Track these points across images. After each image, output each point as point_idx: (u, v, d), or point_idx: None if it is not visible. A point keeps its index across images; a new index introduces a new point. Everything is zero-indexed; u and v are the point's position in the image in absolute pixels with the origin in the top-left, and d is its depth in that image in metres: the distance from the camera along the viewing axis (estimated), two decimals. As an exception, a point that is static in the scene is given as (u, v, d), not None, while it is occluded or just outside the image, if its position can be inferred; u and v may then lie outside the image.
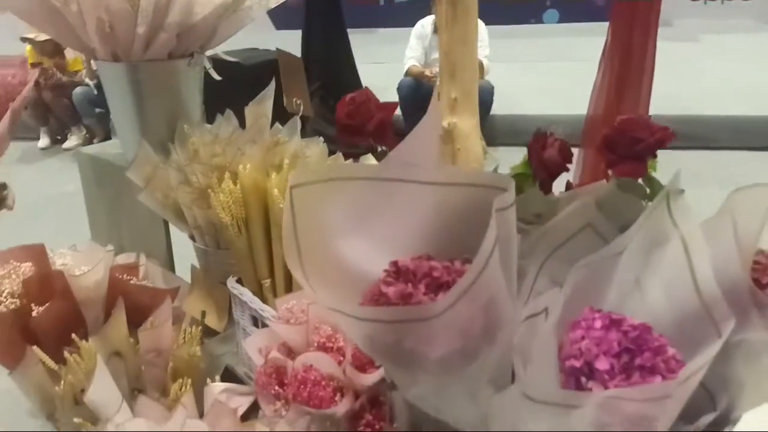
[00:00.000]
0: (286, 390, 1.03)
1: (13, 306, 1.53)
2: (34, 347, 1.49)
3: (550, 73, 6.86)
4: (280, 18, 9.29)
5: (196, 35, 1.58)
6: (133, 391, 1.44)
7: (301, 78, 1.53)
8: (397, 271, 0.62)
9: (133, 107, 1.64)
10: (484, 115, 4.25)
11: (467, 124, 1.50)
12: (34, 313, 1.54)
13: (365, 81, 5.12)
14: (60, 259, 1.74)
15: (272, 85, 1.61)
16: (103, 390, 1.29)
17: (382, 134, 0.95)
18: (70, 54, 5.96)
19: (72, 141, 6.04)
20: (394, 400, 0.73)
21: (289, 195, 0.65)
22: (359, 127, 0.99)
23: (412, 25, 5.30)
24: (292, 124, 1.57)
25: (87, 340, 1.46)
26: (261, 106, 1.60)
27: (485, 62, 4.89)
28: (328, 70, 5.13)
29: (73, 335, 1.45)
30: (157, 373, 1.50)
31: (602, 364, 0.55)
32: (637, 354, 0.55)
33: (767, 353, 0.59)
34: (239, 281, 1.47)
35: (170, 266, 1.87)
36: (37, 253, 1.68)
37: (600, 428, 0.56)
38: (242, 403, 1.41)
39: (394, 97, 4.92)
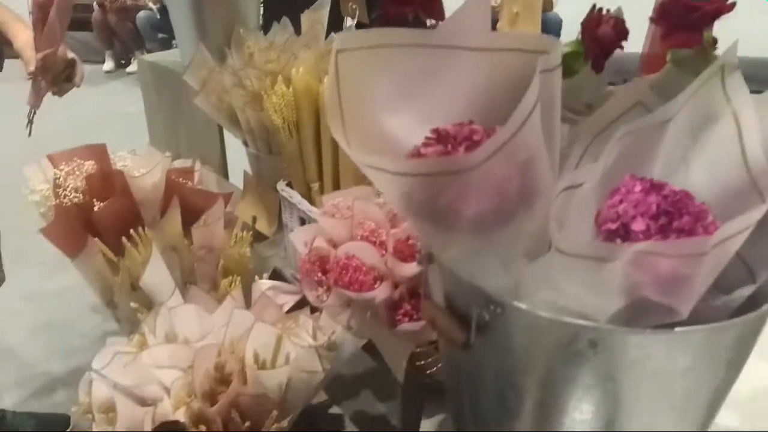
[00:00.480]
0: (328, 277, 1.06)
1: (76, 200, 1.61)
2: (95, 239, 1.57)
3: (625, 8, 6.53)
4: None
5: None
6: (185, 284, 1.51)
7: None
8: (438, 136, 0.62)
9: (193, 12, 1.66)
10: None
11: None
12: (95, 208, 1.62)
13: None
14: (120, 162, 1.81)
15: (329, -7, 1.60)
16: (157, 275, 1.36)
17: (431, 5, 0.93)
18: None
19: (135, 65, 6.15)
20: (428, 273, 0.75)
21: (334, 60, 0.65)
22: None
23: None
24: (347, 30, 1.56)
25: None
26: (317, 14, 1.60)
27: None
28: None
29: (131, 231, 1.52)
30: (208, 270, 1.56)
31: (638, 225, 0.55)
32: (676, 217, 0.55)
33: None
34: (289, 185, 1.50)
35: (224, 173, 1.92)
36: (100, 152, 1.75)
37: (632, 289, 0.56)
38: (288, 301, 1.46)
39: None
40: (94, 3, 5.98)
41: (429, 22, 1.06)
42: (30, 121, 1.54)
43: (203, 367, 1.17)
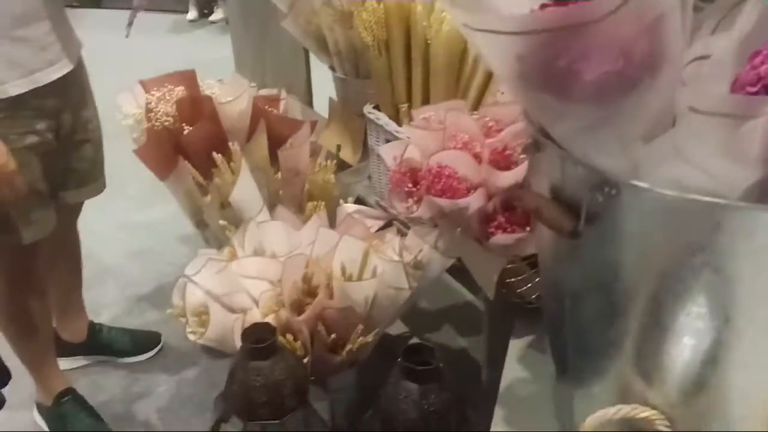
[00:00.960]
0: (419, 187, 1.04)
1: (167, 123, 1.64)
2: (185, 161, 1.61)
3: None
4: None
5: None
6: (271, 206, 1.52)
7: None
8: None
9: None
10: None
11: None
12: (185, 132, 1.65)
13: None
14: (208, 90, 1.83)
15: None
16: (246, 192, 1.37)
17: None
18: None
19: (218, 14, 6.22)
20: (533, 163, 0.71)
21: None
22: None
23: None
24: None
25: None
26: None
27: None
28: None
29: (217, 155, 1.54)
30: (294, 192, 1.57)
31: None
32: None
33: None
34: (376, 108, 1.48)
35: (309, 102, 1.92)
36: (189, 78, 1.78)
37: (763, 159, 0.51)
38: (372, 225, 1.46)
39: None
40: (180, -48, 6.06)
41: None
42: (129, 24, 1.58)
43: (291, 278, 1.19)
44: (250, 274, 1.24)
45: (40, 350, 1.60)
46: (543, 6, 0.56)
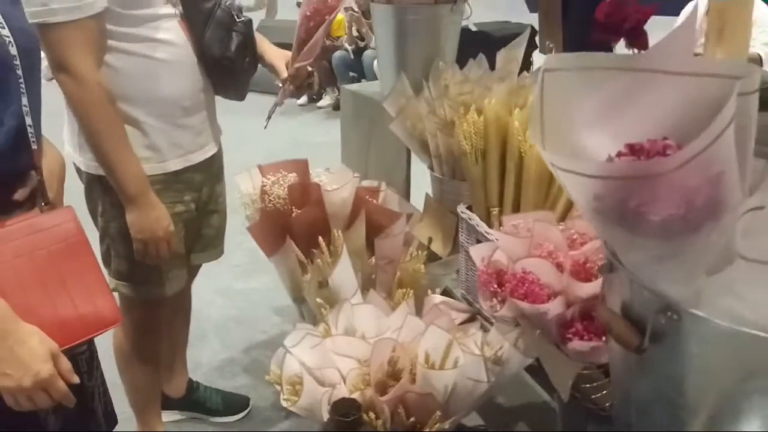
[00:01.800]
0: (503, 289, 1.14)
1: (278, 205, 1.83)
2: (291, 240, 1.77)
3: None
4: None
5: (460, -17, 1.72)
6: (365, 290, 1.65)
7: (558, 22, 1.60)
8: (631, 149, 0.68)
9: (397, 46, 1.84)
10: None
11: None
12: (293, 214, 1.82)
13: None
14: (317, 177, 2.02)
15: (526, 33, 1.70)
16: (344, 274, 1.51)
17: (638, 35, 0.98)
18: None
19: (325, 100, 6.67)
20: (607, 282, 0.80)
21: (541, 78, 0.74)
22: (616, 26, 1.02)
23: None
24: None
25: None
26: (513, 52, 1.70)
27: (765, 51, 4.35)
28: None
29: (321, 238, 1.69)
30: (386, 278, 1.69)
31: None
32: None
33: None
34: (469, 208, 1.60)
35: (407, 196, 2.07)
36: (301, 166, 1.98)
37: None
38: (457, 317, 1.55)
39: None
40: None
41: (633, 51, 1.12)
42: (268, 117, 1.81)
43: (379, 360, 1.29)
44: (340, 351, 1.35)
45: (150, 397, 1.77)
46: (619, 155, 0.67)
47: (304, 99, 6.83)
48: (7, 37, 1.05)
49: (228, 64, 1.49)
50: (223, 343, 2.39)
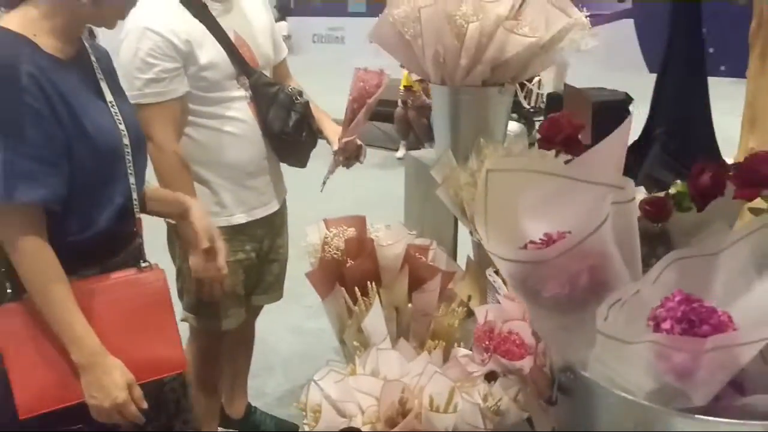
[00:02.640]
0: (491, 345, 1.30)
1: (336, 256, 2.07)
2: (342, 288, 2.00)
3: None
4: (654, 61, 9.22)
5: (508, 69, 1.92)
6: (399, 337, 1.84)
7: (587, 113, 1.76)
8: (546, 238, 0.86)
9: (450, 121, 2.06)
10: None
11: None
12: (347, 265, 2.06)
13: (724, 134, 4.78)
14: (375, 233, 2.25)
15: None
16: (375, 322, 1.71)
17: (572, 144, 1.13)
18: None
19: (423, 155, 6.96)
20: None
21: (485, 176, 0.94)
22: (552, 138, 1.14)
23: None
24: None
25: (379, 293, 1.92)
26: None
27: None
28: (677, 116, 4.91)
29: (369, 285, 1.91)
30: (420, 329, 1.88)
31: (666, 325, 0.72)
32: (698, 325, 0.71)
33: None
34: (496, 272, 1.77)
35: (453, 255, 2.25)
36: (359, 222, 2.22)
37: (657, 373, 0.73)
38: (477, 370, 1.71)
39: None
40: (399, 101, 6.96)
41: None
42: (324, 183, 2.08)
43: (389, 399, 1.48)
44: (362, 389, 1.55)
45: (207, 416, 2.03)
46: (526, 245, 0.85)
47: (402, 152, 7.16)
48: (123, 130, 1.37)
49: (287, 138, 1.78)
50: (287, 376, 2.64)
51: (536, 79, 5.05)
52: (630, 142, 4.44)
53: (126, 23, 1.71)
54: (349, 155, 2.09)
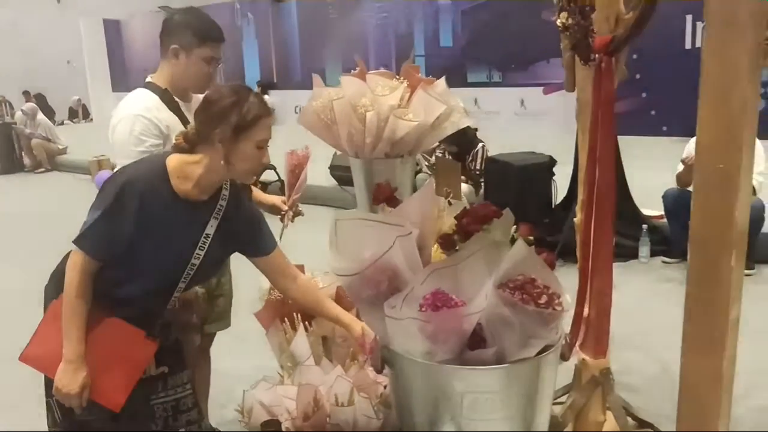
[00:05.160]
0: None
1: (279, 297, 2.54)
2: (282, 323, 2.47)
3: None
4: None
5: (404, 144, 2.45)
6: (331, 360, 2.30)
7: (456, 176, 2.25)
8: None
9: (365, 187, 2.57)
10: (754, 234, 4.20)
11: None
12: (289, 302, 2.53)
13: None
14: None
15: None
16: (300, 346, 2.18)
17: (391, 201, 1.65)
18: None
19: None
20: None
21: (334, 224, 1.43)
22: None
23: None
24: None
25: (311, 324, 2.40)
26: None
27: (757, 180, 4.73)
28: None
29: (295, 316, 2.38)
30: (341, 353, 2.34)
31: (423, 309, 1.22)
32: (441, 307, 1.20)
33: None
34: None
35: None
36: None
37: (420, 340, 1.22)
38: (383, 380, 2.17)
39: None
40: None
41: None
42: (280, 236, 2.56)
43: (306, 399, 1.94)
44: (288, 395, 2.01)
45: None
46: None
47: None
48: (198, 256, 1.82)
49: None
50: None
51: (480, 145, 5.63)
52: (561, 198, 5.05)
53: (120, 112, 2.22)
54: (296, 212, 2.59)
